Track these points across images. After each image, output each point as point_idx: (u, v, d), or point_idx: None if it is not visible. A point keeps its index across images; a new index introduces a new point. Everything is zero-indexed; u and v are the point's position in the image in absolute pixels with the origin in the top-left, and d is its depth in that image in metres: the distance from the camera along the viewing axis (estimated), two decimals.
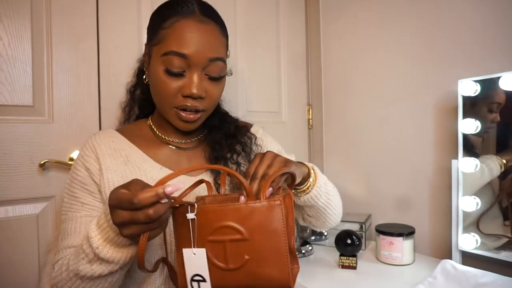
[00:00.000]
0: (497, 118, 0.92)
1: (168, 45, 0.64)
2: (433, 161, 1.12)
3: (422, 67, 1.14)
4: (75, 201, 0.67)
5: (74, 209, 0.67)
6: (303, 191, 0.71)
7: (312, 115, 1.52)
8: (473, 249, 0.95)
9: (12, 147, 0.89)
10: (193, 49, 0.64)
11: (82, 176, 0.68)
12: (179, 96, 0.66)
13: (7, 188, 0.88)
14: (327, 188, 0.77)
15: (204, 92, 0.67)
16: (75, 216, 0.66)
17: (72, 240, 0.64)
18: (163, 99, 0.68)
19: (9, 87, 0.88)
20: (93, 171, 0.68)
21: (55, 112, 0.95)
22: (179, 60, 0.64)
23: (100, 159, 0.68)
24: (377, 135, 1.29)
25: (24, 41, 0.90)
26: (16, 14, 0.88)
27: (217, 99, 0.72)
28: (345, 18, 1.40)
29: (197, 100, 0.67)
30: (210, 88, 0.68)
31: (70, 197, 0.68)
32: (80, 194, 0.67)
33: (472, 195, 0.96)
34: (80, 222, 0.65)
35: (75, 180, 0.69)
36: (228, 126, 0.80)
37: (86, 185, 0.68)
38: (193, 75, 0.65)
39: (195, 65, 0.65)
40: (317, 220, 0.81)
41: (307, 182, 0.70)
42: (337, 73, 1.45)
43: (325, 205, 0.76)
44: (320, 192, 0.73)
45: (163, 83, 0.66)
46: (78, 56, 0.98)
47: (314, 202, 0.74)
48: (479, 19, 1.00)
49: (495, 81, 0.90)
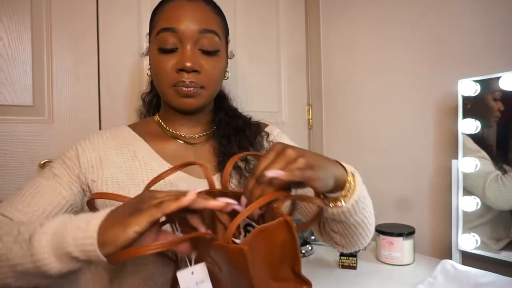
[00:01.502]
0: (497, 118, 0.92)
1: (159, 24, 0.66)
2: (433, 161, 1.12)
3: (422, 67, 1.14)
4: (49, 171, 0.64)
5: (44, 176, 0.63)
6: (334, 202, 0.56)
7: (312, 115, 1.53)
8: (473, 249, 0.95)
9: (12, 147, 0.89)
10: (182, 22, 0.64)
11: (70, 154, 0.66)
12: (174, 72, 0.65)
13: (7, 188, 0.88)
14: (366, 203, 0.61)
15: (198, 65, 0.65)
16: (39, 182, 0.61)
17: (21, 202, 0.58)
18: (161, 79, 0.67)
19: (9, 87, 0.88)
20: (83, 155, 0.65)
21: (55, 112, 0.95)
22: (169, 36, 0.64)
23: (105, 154, 0.66)
24: (377, 135, 1.29)
25: (24, 41, 0.90)
26: (16, 14, 0.88)
27: (215, 75, 0.69)
28: (345, 18, 1.40)
29: (192, 74, 0.65)
30: (205, 63, 0.66)
31: (48, 167, 0.65)
32: (57, 167, 0.64)
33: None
34: (40, 190, 0.60)
35: (61, 155, 0.66)
36: (236, 120, 0.77)
37: (69, 161, 0.65)
38: (185, 49, 0.65)
39: (186, 38, 0.65)
40: (343, 238, 0.65)
41: (342, 191, 0.55)
42: (337, 73, 1.45)
43: (358, 224, 0.61)
44: (356, 207, 0.57)
45: (158, 62, 0.66)
46: (78, 56, 0.98)
47: (345, 218, 0.58)
48: (479, 19, 1.00)
49: (495, 81, 0.90)
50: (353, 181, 0.56)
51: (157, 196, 0.43)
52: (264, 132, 0.79)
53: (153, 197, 0.43)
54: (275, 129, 0.83)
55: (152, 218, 0.40)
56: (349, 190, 0.55)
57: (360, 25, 1.34)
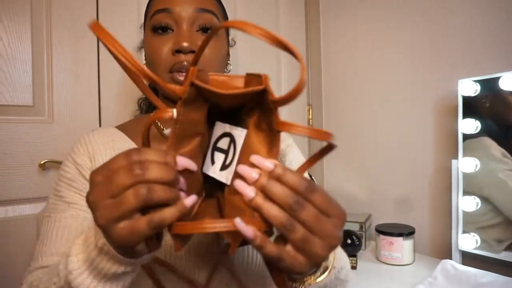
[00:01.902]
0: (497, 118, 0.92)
1: (153, 8, 0.61)
2: (433, 161, 1.12)
3: (422, 67, 1.14)
4: (61, 201, 0.57)
5: (59, 209, 0.57)
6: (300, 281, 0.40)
7: (312, 115, 1.52)
8: (473, 249, 0.95)
9: (12, 147, 0.89)
10: (177, 3, 0.60)
11: (71, 173, 0.59)
12: (170, 55, 0.59)
13: (7, 188, 0.88)
14: (349, 272, 0.52)
15: (196, 45, 0.59)
16: (58, 218, 0.56)
17: (52, 246, 0.53)
18: (155, 64, 0.60)
19: (9, 87, 0.88)
20: (85, 167, 0.59)
21: (55, 112, 0.95)
22: (164, 17, 0.59)
23: (97, 159, 0.60)
24: (377, 135, 1.29)
25: (24, 41, 0.90)
26: (16, 14, 0.88)
27: (215, 58, 0.62)
28: (345, 18, 1.40)
29: (189, 55, 0.59)
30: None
31: (55, 197, 0.59)
32: (66, 193, 0.58)
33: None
34: (64, 225, 0.55)
35: (62, 178, 0.59)
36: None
37: (74, 182, 0.58)
38: (182, 29, 0.59)
39: (182, 19, 0.60)
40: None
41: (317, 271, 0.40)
42: (337, 73, 1.45)
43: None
44: (339, 280, 0.46)
45: (152, 46, 0.60)
46: (78, 56, 0.98)
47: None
48: (479, 19, 1.00)
49: (495, 81, 0.90)
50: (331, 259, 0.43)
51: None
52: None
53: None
54: (287, 138, 0.71)
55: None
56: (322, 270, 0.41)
57: (360, 25, 1.34)
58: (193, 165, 0.36)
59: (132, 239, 0.31)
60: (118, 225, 0.31)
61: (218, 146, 0.41)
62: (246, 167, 0.35)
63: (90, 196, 0.32)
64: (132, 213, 0.31)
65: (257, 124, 0.39)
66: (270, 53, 1.40)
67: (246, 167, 0.35)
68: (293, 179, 0.33)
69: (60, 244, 0.53)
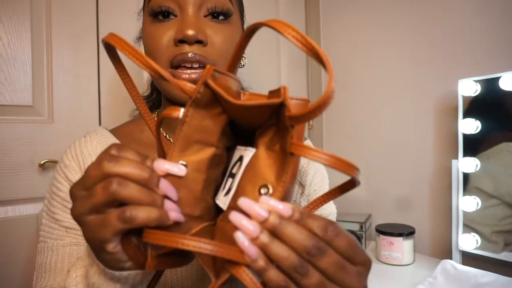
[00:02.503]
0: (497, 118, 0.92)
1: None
2: (433, 161, 1.12)
3: (422, 67, 1.14)
4: (56, 225, 0.51)
5: (56, 235, 0.51)
6: None
7: None
8: (473, 249, 0.95)
9: (12, 147, 0.89)
10: None
11: (65, 191, 0.52)
12: (171, 46, 0.48)
13: (7, 188, 0.88)
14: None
15: (203, 34, 0.48)
16: (56, 245, 0.50)
17: (52, 280, 0.48)
18: (154, 58, 0.49)
19: (9, 87, 0.88)
20: None
21: (55, 112, 0.95)
22: (166, 1, 0.48)
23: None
24: (377, 135, 1.29)
25: (24, 41, 0.90)
26: (16, 14, 0.88)
27: (226, 50, 0.50)
28: (345, 18, 1.40)
29: (196, 46, 0.48)
30: (213, 33, 0.49)
31: (50, 219, 0.52)
32: (62, 216, 0.51)
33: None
34: (63, 254, 0.49)
35: (55, 197, 0.53)
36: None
37: (69, 202, 0.51)
38: (186, 14, 0.48)
39: (187, 2, 0.48)
40: None
41: None
42: (337, 73, 1.45)
43: None
44: None
45: (151, 35, 0.49)
46: (78, 56, 0.98)
47: None
48: (479, 19, 1.00)
49: (495, 81, 0.90)
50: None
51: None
52: None
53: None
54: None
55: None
56: None
57: (360, 25, 1.34)
58: (175, 170, 0.31)
59: (103, 233, 0.29)
60: (89, 217, 0.30)
61: (231, 171, 0.36)
62: (250, 202, 0.28)
63: (70, 189, 0.31)
64: (103, 207, 0.29)
65: (269, 144, 0.33)
66: (270, 52, 1.40)
67: (249, 201, 0.28)
68: (312, 222, 0.28)
69: (61, 276, 0.48)
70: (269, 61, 1.40)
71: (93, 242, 0.31)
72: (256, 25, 0.31)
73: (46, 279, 0.49)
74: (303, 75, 1.52)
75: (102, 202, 0.29)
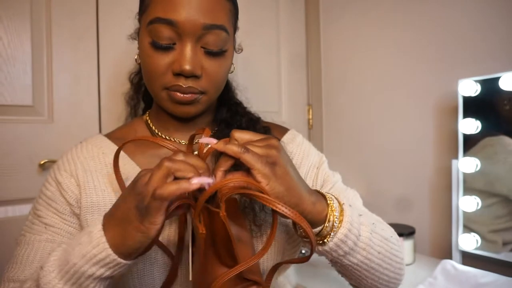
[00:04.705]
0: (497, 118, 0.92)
1: (152, 11, 0.52)
2: (433, 161, 1.12)
3: (422, 67, 1.14)
4: (38, 221, 0.54)
5: (35, 230, 0.54)
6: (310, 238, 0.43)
7: (312, 115, 1.52)
8: (473, 249, 0.95)
9: (12, 147, 0.88)
10: (183, 13, 0.50)
11: (52, 191, 0.56)
12: (168, 74, 0.53)
13: (7, 188, 0.88)
14: (372, 239, 0.49)
15: (199, 68, 0.52)
16: (32, 240, 0.53)
17: (20, 271, 0.51)
18: (151, 79, 0.55)
19: (9, 87, 0.88)
20: (66, 188, 0.55)
21: (55, 112, 0.95)
22: (166, 29, 0.51)
23: (83, 177, 0.56)
24: (377, 135, 1.29)
25: (24, 41, 0.90)
26: (16, 14, 0.88)
27: (219, 79, 0.56)
28: (345, 18, 1.40)
29: (191, 79, 0.53)
30: (208, 65, 0.53)
31: (33, 215, 0.56)
32: (45, 213, 0.54)
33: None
34: (37, 249, 0.52)
35: (42, 195, 0.56)
36: (239, 119, 0.64)
37: (54, 202, 0.55)
38: (185, 48, 0.52)
39: (187, 34, 0.51)
40: (350, 280, 0.56)
41: (320, 228, 0.45)
42: (337, 73, 1.45)
43: (360, 266, 0.49)
44: (345, 248, 0.46)
45: (149, 58, 0.53)
46: (78, 56, 0.98)
47: (334, 258, 0.48)
48: (479, 20, 1.00)
49: (495, 81, 0.90)
50: (339, 217, 0.46)
51: (151, 183, 0.39)
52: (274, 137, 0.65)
53: (147, 185, 0.40)
54: (295, 137, 0.68)
55: (162, 212, 0.39)
56: (331, 224, 0.45)
57: (360, 25, 1.34)
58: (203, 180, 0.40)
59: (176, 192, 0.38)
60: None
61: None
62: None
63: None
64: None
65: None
66: (270, 52, 1.40)
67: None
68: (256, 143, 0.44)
69: (30, 270, 0.50)
70: (269, 61, 1.40)
71: (155, 201, 0.38)
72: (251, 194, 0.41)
73: (15, 270, 0.51)
74: (303, 75, 1.52)
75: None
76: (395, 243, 0.56)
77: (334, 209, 0.45)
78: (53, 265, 0.41)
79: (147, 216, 0.39)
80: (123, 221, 0.41)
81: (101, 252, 0.40)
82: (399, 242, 0.58)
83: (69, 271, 0.41)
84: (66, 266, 0.41)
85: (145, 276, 0.54)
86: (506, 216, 0.91)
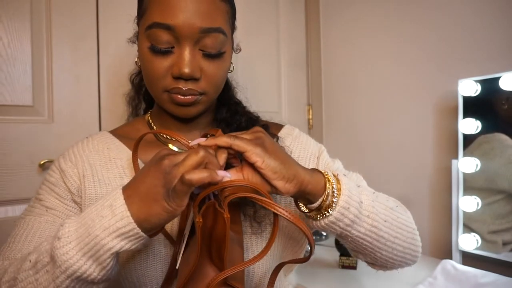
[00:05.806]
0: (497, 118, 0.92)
1: (150, 16, 0.53)
2: (433, 161, 1.12)
3: (422, 67, 1.14)
4: (39, 204, 0.56)
5: (35, 213, 0.55)
6: (317, 212, 0.48)
7: (312, 115, 1.52)
8: (473, 249, 0.95)
9: (12, 147, 0.89)
10: (180, 18, 0.51)
11: (55, 177, 0.57)
12: (168, 77, 0.54)
13: (7, 188, 0.88)
14: (375, 207, 0.51)
15: (198, 71, 0.54)
16: (32, 221, 0.54)
17: (16, 250, 0.51)
18: (152, 82, 0.56)
19: (9, 87, 0.88)
20: (69, 177, 0.57)
21: (55, 112, 0.95)
22: (164, 34, 0.52)
23: (88, 170, 0.58)
24: (377, 135, 1.29)
25: (24, 41, 0.90)
26: (16, 14, 0.88)
27: (218, 80, 0.57)
28: (345, 18, 1.40)
29: (190, 82, 0.54)
30: (206, 67, 0.55)
31: (35, 200, 0.57)
32: (46, 197, 0.56)
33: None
34: (36, 229, 0.53)
35: (45, 181, 0.58)
36: (239, 119, 0.65)
37: (56, 187, 0.56)
38: (183, 51, 0.53)
39: (185, 38, 0.52)
40: (364, 256, 0.55)
41: (321, 199, 0.47)
42: (337, 73, 1.45)
43: (369, 236, 0.50)
44: (350, 216, 0.48)
45: (149, 62, 0.54)
46: (78, 56, 0.98)
47: (342, 231, 0.49)
48: (479, 20, 1.00)
49: (495, 81, 0.90)
50: (336, 185, 0.47)
51: (182, 166, 0.40)
52: (272, 135, 0.65)
53: (177, 167, 0.40)
54: (292, 131, 0.71)
55: (188, 195, 0.40)
56: (330, 195, 0.46)
57: (360, 25, 1.34)
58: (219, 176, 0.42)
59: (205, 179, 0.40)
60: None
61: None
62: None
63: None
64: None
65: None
66: (270, 52, 1.40)
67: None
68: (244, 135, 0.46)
69: (27, 248, 0.50)
70: (269, 61, 1.40)
71: (183, 185, 0.39)
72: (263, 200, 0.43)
73: (12, 249, 0.52)
74: (303, 75, 1.52)
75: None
76: (402, 212, 0.58)
77: (330, 177, 0.47)
78: (71, 237, 0.41)
79: (175, 198, 0.40)
80: (148, 197, 0.41)
81: (125, 225, 0.40)
82: (407, 212, 0.60)
83: (89, 243, 0.40)
84: (86, 238, 0.40)
85: (148, 268, 0.55)
86: (507, 217, 0.91)
